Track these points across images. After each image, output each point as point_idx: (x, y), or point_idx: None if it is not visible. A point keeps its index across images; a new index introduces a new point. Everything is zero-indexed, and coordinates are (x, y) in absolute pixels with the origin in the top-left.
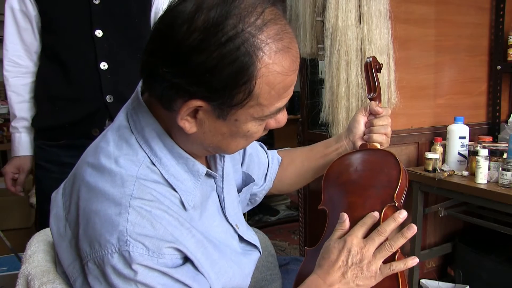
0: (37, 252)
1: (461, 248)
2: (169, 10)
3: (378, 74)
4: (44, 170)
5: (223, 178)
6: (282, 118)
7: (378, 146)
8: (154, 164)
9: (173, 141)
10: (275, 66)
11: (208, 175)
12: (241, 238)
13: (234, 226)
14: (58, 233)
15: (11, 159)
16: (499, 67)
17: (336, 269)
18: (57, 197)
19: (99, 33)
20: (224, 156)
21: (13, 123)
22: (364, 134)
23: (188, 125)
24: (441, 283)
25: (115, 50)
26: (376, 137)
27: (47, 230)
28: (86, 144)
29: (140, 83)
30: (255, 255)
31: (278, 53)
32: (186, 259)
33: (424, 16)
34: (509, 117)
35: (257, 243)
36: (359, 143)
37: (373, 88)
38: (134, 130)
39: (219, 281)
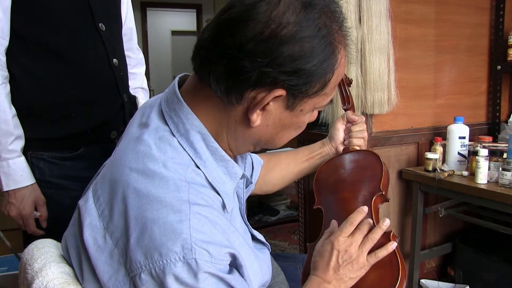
0: (47, 265)
1: (461, 248)
2: (251, 5)
3: (349, 88)
4: (60, 188)
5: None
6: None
7: (358, 149)
8: (198, 167)
9: (216, 142)
10: (343, 59)
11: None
12: (253, 237)
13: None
14: (95, 245)
15: (17, 195)
16: (499, 67)
17: (330, 269)
18: (88, 205)
19: (102, 26)
20: (246, 158)
21: (10, 146)
22: (344, 140)
23: (256, 117)
24: (441, 283)
25: (117, 45)
26: (355, 141)
27: (45, 240)
28: (103, 150)
29: (175, 82)
30: (267, 252)
31: (345, 47)
32: (231, 265)
33: (424, 16)
34: (509, 117)
35: (265, 241)
36: (341, 148)
37: (346, 100)
38: (176, 133)
39: (257, 281)
